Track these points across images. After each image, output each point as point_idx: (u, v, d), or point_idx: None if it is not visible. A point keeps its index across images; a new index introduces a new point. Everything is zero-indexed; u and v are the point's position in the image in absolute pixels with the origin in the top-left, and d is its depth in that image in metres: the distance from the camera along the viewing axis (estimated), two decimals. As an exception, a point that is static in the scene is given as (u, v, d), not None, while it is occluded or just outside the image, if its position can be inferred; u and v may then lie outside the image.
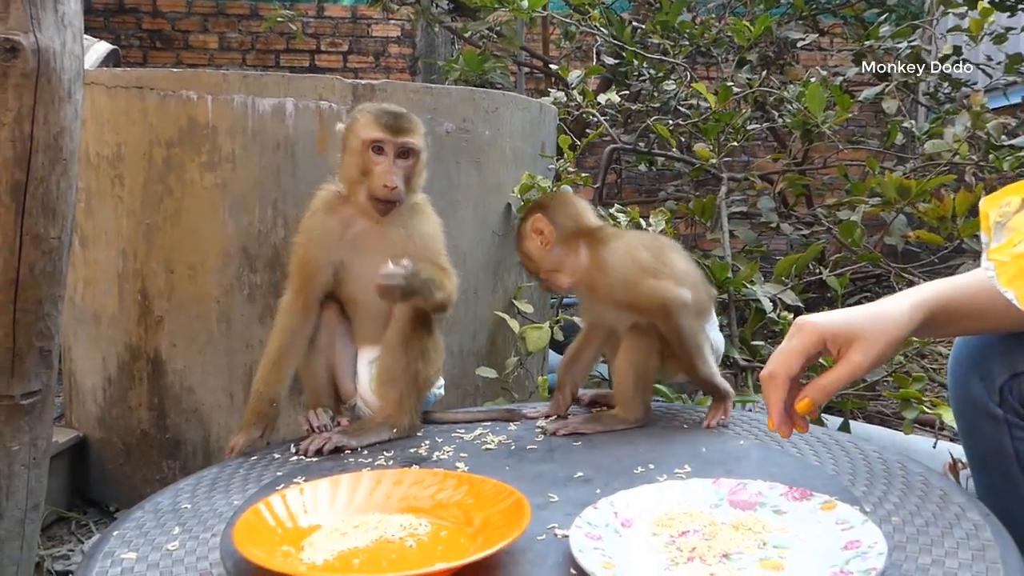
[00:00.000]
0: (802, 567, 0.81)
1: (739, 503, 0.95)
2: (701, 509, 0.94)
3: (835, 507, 0.90)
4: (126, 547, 0.93)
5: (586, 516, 0.90)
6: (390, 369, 1.30)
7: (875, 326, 0.97)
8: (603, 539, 0.87)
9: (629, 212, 2.22)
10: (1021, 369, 1.08)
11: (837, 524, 0.87)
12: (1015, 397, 1.09)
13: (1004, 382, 1.09)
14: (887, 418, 2.53)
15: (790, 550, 0.85)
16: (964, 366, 1.15)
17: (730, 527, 0.89)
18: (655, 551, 0.86)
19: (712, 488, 0.98)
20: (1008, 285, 0.77)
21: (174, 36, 5.24)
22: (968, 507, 0.94)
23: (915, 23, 3.24)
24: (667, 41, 3.13)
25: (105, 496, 2.07)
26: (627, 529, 0.90)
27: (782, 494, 0.95)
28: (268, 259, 1.91)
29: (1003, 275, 0.78)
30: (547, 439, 1.27)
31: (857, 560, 0.79)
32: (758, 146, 5.14)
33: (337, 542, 0.89)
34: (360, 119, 1.31)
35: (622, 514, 0.92)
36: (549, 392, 2.26)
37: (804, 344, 0.97)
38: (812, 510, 0.91)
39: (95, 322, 2.03)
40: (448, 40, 4.46)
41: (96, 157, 1.97)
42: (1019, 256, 0.78)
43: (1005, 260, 0.78)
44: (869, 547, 0.81)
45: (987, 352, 1.11)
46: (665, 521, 0.91)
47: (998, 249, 0.82)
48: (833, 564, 0.80)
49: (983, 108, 2.65)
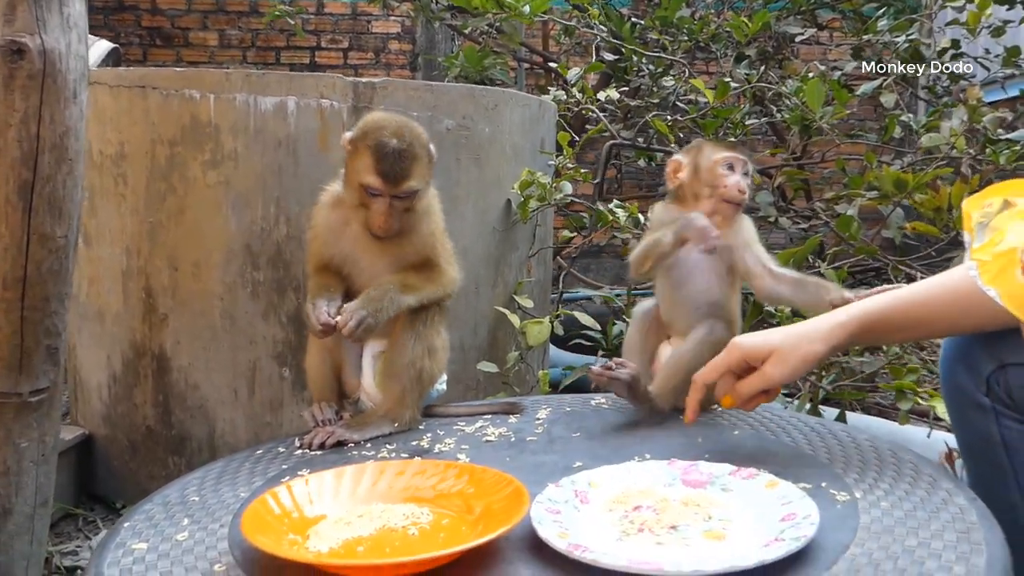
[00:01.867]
0: (741, 536, 0.89)
1: (691, 482, 1.02)
2: (655, 487, 1.01)
3: (778, 485, 0.97)
4: (137, 538, 0.95)
5: (547, 493, 0.97)
6: (394, 363, 1.33)
7: (788, 342, 1.11)
8: (561, 513, 0.94)
9: (628, 207, 2.23)
10: (1007, 361, 1.11)
11: (778, 499, 0.94)
12: (1001, 387, 1.12)
13: (991, 373, 1.12)
14: (885, 410, 2.55)
15: (733, 522, 0.92)
16: (953, 358, 1.19)
17: (680, 503, 0.96)
18: (609, 524, 0.93)
19: (667, 468, 1.05)
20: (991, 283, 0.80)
21: (174, 33, 5.26)
22: (955, 492, 0.97)
23: (913, 17, 3.25)
24: (666, 37, 3.15)
25: (111, 493, 2.10)
26: (585, 505, 0.97)
27: (730, 473, 1.02)
28: (271, 256, 1.93)
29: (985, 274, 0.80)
30: (547, 431, 1.29)
31: (791, 529, 0.86)
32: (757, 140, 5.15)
33: (342, 531, 0.91)
34: (359, 155, 1.29)
35: (581, 492, 0.99)
36: (550, 386, 2.29)
37: (727, 360, 1.13)
38: (757, 488, 0.98)
39: (99, 320, 2.05)
40: (448, 36, 4.48)
41: (99, 156, 2.00)
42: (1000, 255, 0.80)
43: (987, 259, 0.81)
44: (803, 518, 0.88)
45: (975, 345, 1.14)
46: (621, 498, 0.98)
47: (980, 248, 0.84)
48: (770, 533, 0.87)
49: (979, 102, 2.66)
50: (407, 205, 1.30)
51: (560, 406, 1.43)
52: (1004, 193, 0.87)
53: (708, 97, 2.57)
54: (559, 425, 1.32)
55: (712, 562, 0.81)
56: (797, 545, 0.83)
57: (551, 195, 2.22)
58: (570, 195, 2.31)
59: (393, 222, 1.29)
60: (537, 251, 2.38)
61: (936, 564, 0.82)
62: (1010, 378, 1.11)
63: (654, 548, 0.87)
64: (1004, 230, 0.82)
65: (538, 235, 2.38)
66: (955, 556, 0.83)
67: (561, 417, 1.36)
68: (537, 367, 2.33)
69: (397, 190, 1.28)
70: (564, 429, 1.30)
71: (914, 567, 0.81)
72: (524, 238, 2.33)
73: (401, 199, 1.29)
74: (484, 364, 2.11)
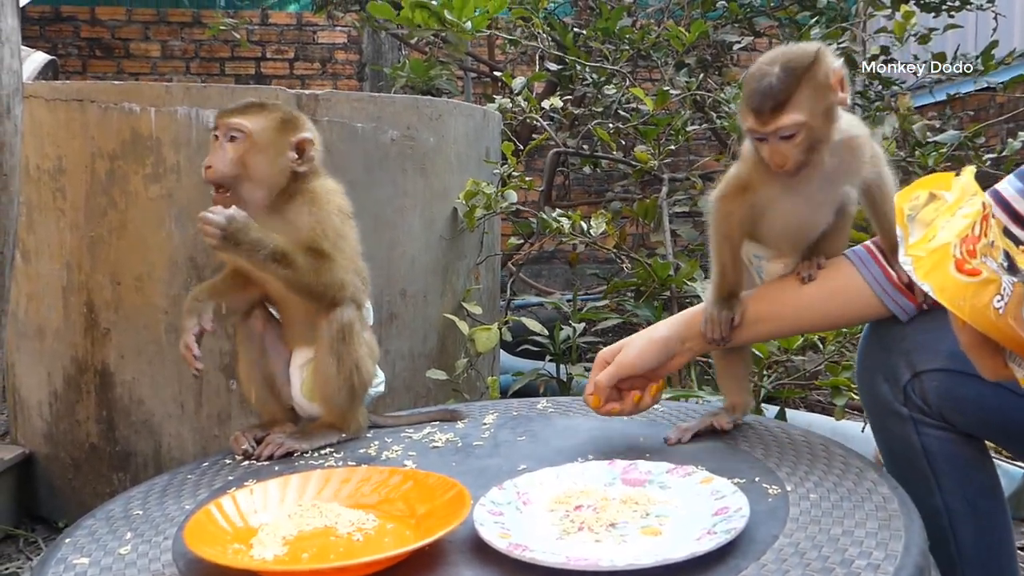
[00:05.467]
0: (677, 531, 0.92)
1: (630, 481, 1.05)
2: (596, 487, 1.04)
3: (712, 480, 1.01)
4: (78, 553, 0.95)
5: (491, 496, 1.00)
6: (325, 376, 1.31)
7: (638, 335, 1.24)
8: (504, 515, 0.96)
9: (571, 216, 2.27)
10: (921, 368, 1.15)
11: (712, 495, 0.98)
12: (918, 395, 1.16)
13: (907, 381, 1.16)
14: (827, 406, 2.63)
15: (670, 518, 0.95)
16: (870, 369, 1.22)
17: (619, 502, 0.99)
18: (550, 524, 0.96)
19: (607, 468, 1.08)
20: (925, 279, 0.84)
21: (114, 44, 5.17)
22: (880, 482, 1.02)
23: (844, 25, 3.36)
24: (608, 47, 3.21)
25: (54, 512, 2.06)
26: (527, 506, 1.00)
27: (668, 471, 1.06)
28: (216, 269, 1.92)
29: (920, 269, 0.84)
30: (493, 436, 1.32)
31: (723, 523, 0.90)
32: (702, 146, 5.26)
33: (286, 539, 0.92)
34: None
35: (523, 493, 1.02)
36: (500, 392, 2.31)
37: (595, 367, 1.25)
38: (693, 484, 1.02)
39: (39, 337, 2.01)
40: (395, 46, 4.49)
41: (36, 171, 1.96)
42: (934, 251, 0.84)
43: (922, 255, 0.85)
44: (735, 511, 0.92)
45: (890, 354, 1.18)
46: (562, 499, 1.01)
47: (915, 244, 0.88)
48: (703, 527, 0.91)
49: (910, 110, 2.78)
50: (237, 149, 1.25)
51: (507, 410, 1.45)
52: (929, 186, 0.91)
53: (648, 106, 2.63)
54: (505, 429, 1.34)
55: (646, 557, 0.84)
56: (728, 537, 0.86)
57: (496, 204, 2.25)
58: (516, 204, 2.34)
59: (214, 161, 1.24)
60: (485, 258, 2.41)
61: (858, 551, 0.86)
62: (925, 384, 1.15)
63: (592, 546, 0.90)
64: (936, 227, 0.86)
65: (485, 243, 2.40)
66: (875, 543, 0.87)
67: (507, 422, 1.38)
68: (487, 373, 2.36)
69: (224, 120, 1.27)
70: (510, 433, 1.32)
71: (837, 555, 0.85)
72: (472, 246, 2.35)
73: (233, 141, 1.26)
74: (433, 372, 2.13)
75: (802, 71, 1.06)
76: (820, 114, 1.07)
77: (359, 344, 1.33)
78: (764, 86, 1.06)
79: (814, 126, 1.07)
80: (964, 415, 1.15)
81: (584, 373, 2.42)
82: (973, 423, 1.16)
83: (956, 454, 1.17)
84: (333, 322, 1.31)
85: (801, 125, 1.06)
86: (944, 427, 1.17)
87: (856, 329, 1.97)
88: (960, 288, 0.81)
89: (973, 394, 1.11)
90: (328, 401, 1.32)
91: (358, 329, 1.34)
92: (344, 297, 1.31)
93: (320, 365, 1.32)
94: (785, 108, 1.05)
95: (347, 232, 1.33)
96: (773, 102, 1.05)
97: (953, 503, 1.17)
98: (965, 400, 1.13)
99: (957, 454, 1.17)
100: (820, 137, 1.08)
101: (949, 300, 0.81)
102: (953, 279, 0.81)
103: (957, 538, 1.18)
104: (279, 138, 1.28)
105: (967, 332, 0.84)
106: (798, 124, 1.06)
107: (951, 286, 0.81)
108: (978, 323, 0.80)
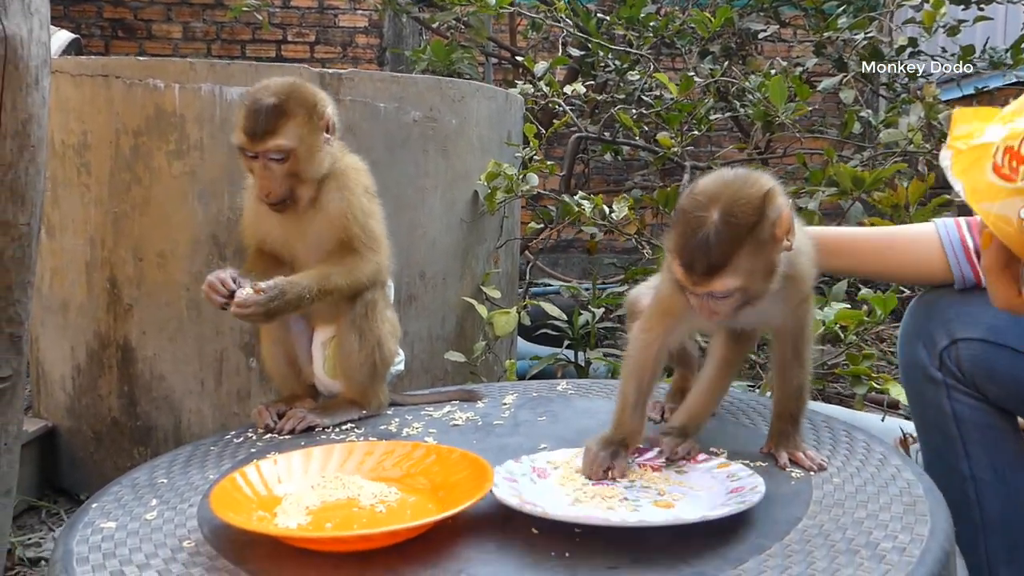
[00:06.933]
0: (689, 504, 0.93)
1: (647, 464, 1.05)
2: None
3: (729, 466, 1.01)
4: (105, 517, 0.96)
5: (507, 465, 1.01)
6: (347, 353, 1.32)
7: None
8: (518, 482, 0.97)
9: (593, 200, 2.26)
10: (959, 336, 1.18)
11: (728, 477, 0.98)
12: (953, 361, 1.19)
13: (944, 347, 1.19)
14: (845, 399, 2.61)
15: (684, 496, 0.96)
16: (911, 334, 1.25)
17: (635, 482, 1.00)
18: (563, 494, 0.96)
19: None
20: (959, 176, 0.80)
21: (136, 25, 5.19)
22: (904, 468, 1.01)
23: (871, 15, 3.32)
24: (631, 33, 3.18)
25: (75, 485, 2.08)
26: (541, 479, 1.00)
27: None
28: (237, 246, 1.93)
29: (957, 164, 0.80)
30: (513, 415, 1.32)
31: (737, 498, 0.91)
32: (723, 136, 5.22)
33: (308, 498, 0.93)
34: (237, 115, 1.24)
35: (540, 468, 1.03)
36: (517, 376, 2.31)
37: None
38: (709, 469, 1.02)
39: (63, 311, 2.03)
40: (416, 30, 4.48)
41: (62, 146, 1.98)
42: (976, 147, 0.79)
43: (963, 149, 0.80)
44: (750, 489, 0.92)
45: (931, 321, 1.21)
46: (575, 476, 1.01)
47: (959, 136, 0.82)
48: (715, 502, 0.91)
49: (935, 99, 2.74)
50: (288, 167, 1.23)
51: (527, 391, 1.45)
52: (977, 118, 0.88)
53: (672, 92, 2.61)
54: (525, 409, 1.34)
55: (657, 518, 0.86)
56: (741, 507, 0.87)
57: (518, 187, 2.24)
58: (536, 188, 2.33)
59: (273, 186, 1.23)
60: (504, 243, 2.40)
61: (883, 533, 0.85)
62: (961, 352, 1.18)
63: (604, 511, 0.91)
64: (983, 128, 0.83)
65: (505, 227, 2.40)
66: (901, 526, 0.87)
67: (527, 402, 1.39)
68: (504, 357, 2.36)
69: (260, 148, 1.21)
70: (530, 413, 1.32)
71: (861, 536, 0.85)
72: (491, 230, 2.35)
73: (276, 161, 1.22)
74: (451, 354, 2.13)
75: (745, 230, 0.91)
76: (760, 273, 0.94)
77: (382, 321, 1.34)
78: (700, 241, 0.91)
79: (751, 287, 0.94)
80: (996, 386, 1.17)
81: (602, 358, 2.42)
82: (1005, 396, 1.18)
83: (987, 424, 1.20)
84: (356, 299, 1.31)
85: (738, 289, 0.93)
86: (977, 396, 1.19)
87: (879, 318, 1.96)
88: (992, 191, 0.79)
89: (1007, 366, 1.14)
90: (349, 377, 1.33)
91: (381, 307, 1.34)
92: (378, 282, 1.33)
93: (342, 341, 1.32)
94: (721, 273, 0.91)
95: (375, 210, 1.34)
96: (707, 263, 0.91)
97: (980, 472, 1.20)
98: (998, 371, 1.16)
99: (988, 424, 1.20)
100: (758, 295, 0.95)
101: (978, 202, 0.80)
102: (987, 181, 0.79)
103: (982, 506, 1.20)
104: (312, 131, 1.26)
105: (990, 253, 0.83)
106: (735, 289, 0.93)
107: (983, 187, 0.79)
108: (1000, 231, 0.79)
